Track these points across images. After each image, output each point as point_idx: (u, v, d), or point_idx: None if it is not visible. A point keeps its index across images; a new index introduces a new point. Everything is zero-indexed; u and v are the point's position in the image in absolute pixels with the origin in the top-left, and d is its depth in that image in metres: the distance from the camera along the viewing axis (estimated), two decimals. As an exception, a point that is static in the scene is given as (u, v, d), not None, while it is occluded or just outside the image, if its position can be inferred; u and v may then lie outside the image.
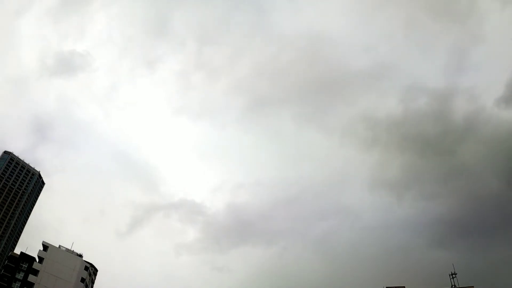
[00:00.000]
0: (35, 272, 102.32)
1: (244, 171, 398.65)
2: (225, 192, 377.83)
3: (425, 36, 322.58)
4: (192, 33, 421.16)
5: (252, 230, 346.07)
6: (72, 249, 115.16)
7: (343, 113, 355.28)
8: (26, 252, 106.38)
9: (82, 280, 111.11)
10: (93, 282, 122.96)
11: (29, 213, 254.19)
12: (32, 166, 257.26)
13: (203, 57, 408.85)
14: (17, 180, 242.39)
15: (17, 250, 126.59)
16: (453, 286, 75.72)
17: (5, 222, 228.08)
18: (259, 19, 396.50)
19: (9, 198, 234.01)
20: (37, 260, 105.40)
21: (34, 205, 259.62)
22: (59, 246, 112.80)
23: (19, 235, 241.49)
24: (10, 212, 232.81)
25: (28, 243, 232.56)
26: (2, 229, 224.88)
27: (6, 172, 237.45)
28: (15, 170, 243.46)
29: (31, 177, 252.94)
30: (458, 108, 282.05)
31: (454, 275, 76.82)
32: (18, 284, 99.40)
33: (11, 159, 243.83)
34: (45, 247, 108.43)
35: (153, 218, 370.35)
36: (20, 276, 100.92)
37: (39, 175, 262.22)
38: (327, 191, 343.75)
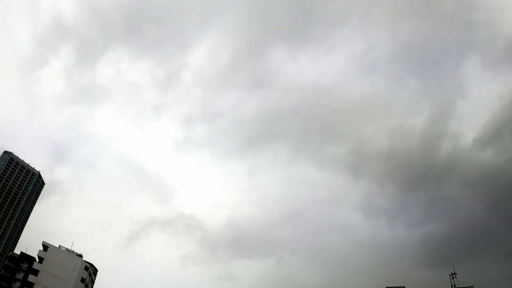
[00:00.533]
0: (35, 272, 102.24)
1: (243, 193, 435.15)
2: (226, 210, 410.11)
3: (415, 90, 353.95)
4: (198, 83, 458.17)
5: (255, 243, 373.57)
6: (72, 249, 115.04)
7: (335, 147, 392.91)
8: (26, 252, 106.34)
9: (82, 280, 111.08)
10: (93, 282, 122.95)
11: (29, 213, 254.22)
12: (32, 166, 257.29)
13: (208, 105, 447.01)
14: (17, 180, 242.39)
15: (17, 250, 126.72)
16: (453, 286, 75.60)
17: (5, 222, 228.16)
18: (263, 73, 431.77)
19: (9, 198, 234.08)
20: (37, 260, 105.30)
21: (34, 205, 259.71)
22: (59, 246, 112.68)
23: (19, 235, 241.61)
24: (10, 212, 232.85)
25: (28, 243, 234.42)
26: (2, 229, 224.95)
27: (6, 172, 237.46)
28: (15, 170, 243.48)
29: (31, 177, 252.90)
30: (441, 147, 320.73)
31: (454, 275, 76.69)
32: (18, 284, 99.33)
33: (11, 159, 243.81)
34: (45, 247, 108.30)
35: (156, 231, 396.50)
36: (20, 276, 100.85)
37: (39, 175, 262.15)
38: (321, 211, 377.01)
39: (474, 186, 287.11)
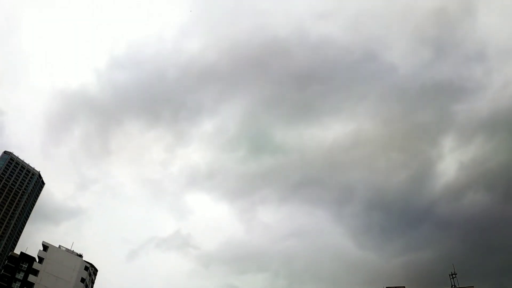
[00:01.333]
0: (35, 272, 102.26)
1: (240, 218, 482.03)
2: (224, 230, 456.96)
3: (396, 161, 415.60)
4: (205, 147, 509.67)
5: (252, 260, 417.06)
6: (72, 249, 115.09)
7: (324, 192, 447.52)
8: (26, 252, 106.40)
9: (82, 280, 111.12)
10: (93, 282, 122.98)
11: (29, 213, 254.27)
12: (32, 166, 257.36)
13: (215, 163, 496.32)
14: (17, 180, 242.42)
15: (17, 250, 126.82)
16: (453, 286, 75.60)
17: (5, 222, 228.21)
18: (266, 142, 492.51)
19: (9, 198, 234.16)
20: (37, 260, 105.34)
21: (34, 205, 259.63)
22: (59, 246, 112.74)
23: (19, 235, 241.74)
24: (10, 212, 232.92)
25: (28, 243, 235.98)
26: (2, 229, 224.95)
27: (6, 172, 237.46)
28: (15, 170, 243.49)
29: (31, 177, 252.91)
30: (419, 198, 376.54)
31: (454, 275, 76.66)
32: (18, 284, 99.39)
33: (11, 159, 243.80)
34: (45, 247, 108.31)
35: (153, 249, 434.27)
36: (20, 276, 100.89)
37: (39, 175, 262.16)
38: (313, 234, 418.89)
39: (447, 223, 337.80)
